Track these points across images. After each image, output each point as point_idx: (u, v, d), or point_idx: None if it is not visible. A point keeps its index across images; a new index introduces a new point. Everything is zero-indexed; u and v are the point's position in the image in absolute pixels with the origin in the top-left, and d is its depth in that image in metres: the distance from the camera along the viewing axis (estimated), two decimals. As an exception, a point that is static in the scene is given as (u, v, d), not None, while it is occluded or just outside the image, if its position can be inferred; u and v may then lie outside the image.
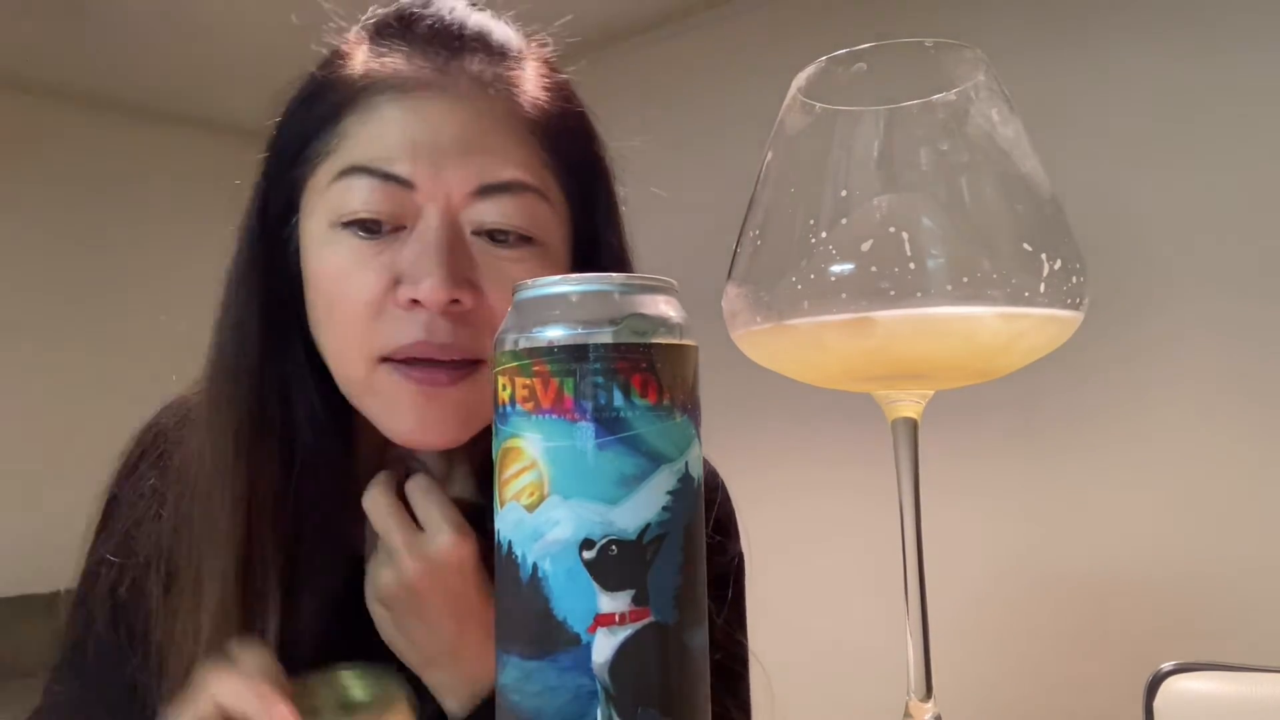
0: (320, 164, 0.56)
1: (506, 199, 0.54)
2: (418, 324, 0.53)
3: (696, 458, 0.35)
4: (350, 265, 0.54)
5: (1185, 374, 1.83)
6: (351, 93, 0.56)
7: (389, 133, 0.54)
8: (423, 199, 0.53)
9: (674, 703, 0.34)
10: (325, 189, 0.55)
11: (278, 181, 0.58)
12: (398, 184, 0.53)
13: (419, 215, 0.54)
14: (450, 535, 0.54)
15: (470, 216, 0.54)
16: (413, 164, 0.53)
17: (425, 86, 0.55)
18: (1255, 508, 1.75)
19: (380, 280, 0.53)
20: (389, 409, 0.55)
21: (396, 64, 0.56)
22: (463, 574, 0.54)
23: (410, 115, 0.54)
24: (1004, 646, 1.99)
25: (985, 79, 0.39)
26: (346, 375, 0.56)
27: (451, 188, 0.53)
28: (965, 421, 1.97)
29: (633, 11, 2.55)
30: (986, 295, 0.36)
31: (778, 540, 2.25)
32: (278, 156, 0.58)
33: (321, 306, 0.56)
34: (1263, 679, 1.05)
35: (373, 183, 0.53)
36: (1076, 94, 1.95)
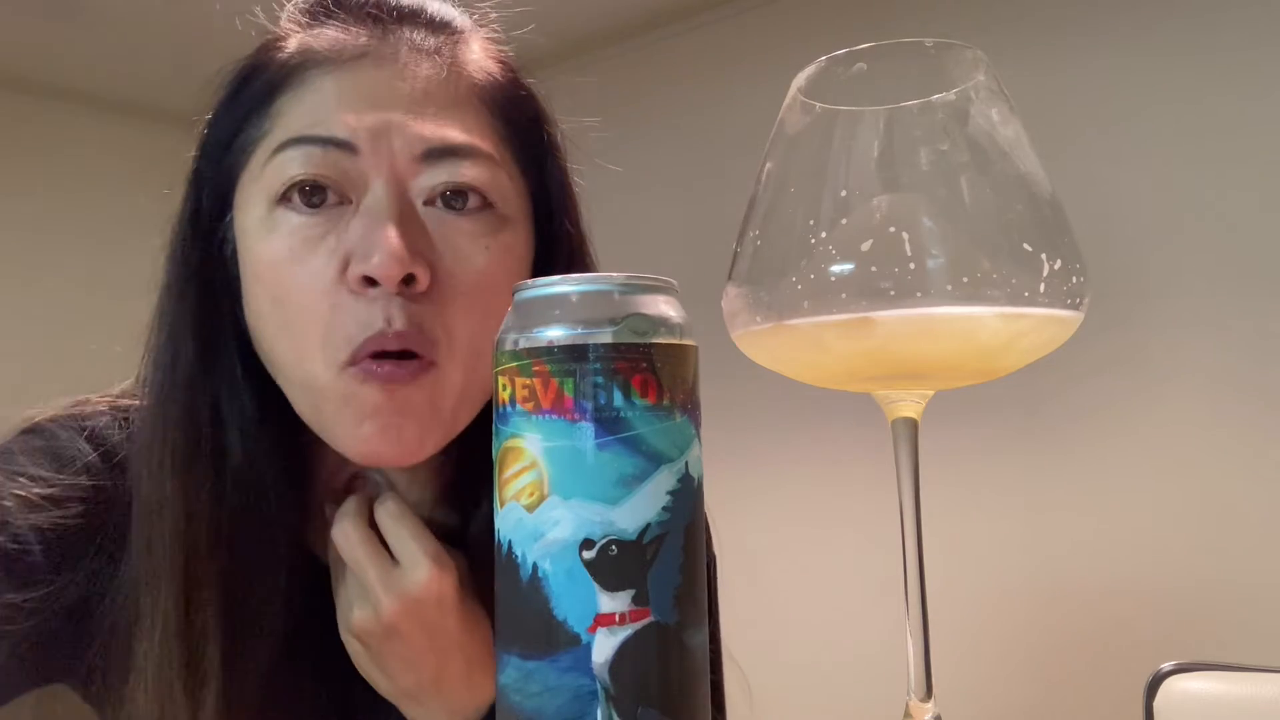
0: (254, 151, 0.51)
1: (458, 161, 0.50)
2: (375, 312, 0.48)
3: (696, 458, 0.35)
4: (293, 249, 0.48)
5: (1186, 374, 1.83)
6: (284, 72, 0.51)
7: (325, 101, 0.49)
8: (367, 166, 0.49)
9: (674, 702, 0.34)
10: (260, 172, 0.50)
11: (209, 178, 0.53)
12: (338, 148, 0.48)
13: (365, 188, 0.49)
14: (427, 569, 0.50)
15: (421, 184, 0.50)
16: (354, 126, 0.48)
17: (362, 56, 0.51)
18: (1256, 508, 1.75)
19: (330, 264, 0.48)
20: (350, 415, 0.49)
21: (331, 37, 0.52)
22: (441, 607, 0.50)
23: (348, 83, 0.50)
24: (1004, 646, 1.99)
25: (985, 79, 0.39)
26: (306, 381, 0.50)
27: (396, 151, 0.49)
28: (965, 421, 1.97)
29: (633, 11, 2.55)
30: (986, 295, 0.36)
31: (778, 540, 2.26)
32: (208, 150, 0.53)
33: (266, 303, 0.50)
34: (1263, 679, 1.05)
35: (311, 150, 0.48)
36: (1076, 94, 1.95)
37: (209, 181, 0.53)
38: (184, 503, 0.51)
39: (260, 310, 0.51)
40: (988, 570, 2.01)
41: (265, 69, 0.52)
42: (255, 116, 0.51)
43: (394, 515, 0.52)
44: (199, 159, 0.54)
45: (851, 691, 2.06)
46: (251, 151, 0.51)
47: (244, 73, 0.53)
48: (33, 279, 2.84)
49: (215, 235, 0.54)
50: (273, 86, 0.51)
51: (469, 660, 0.51)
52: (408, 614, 0.50)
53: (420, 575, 0.50)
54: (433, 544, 0.51)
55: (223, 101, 0.53)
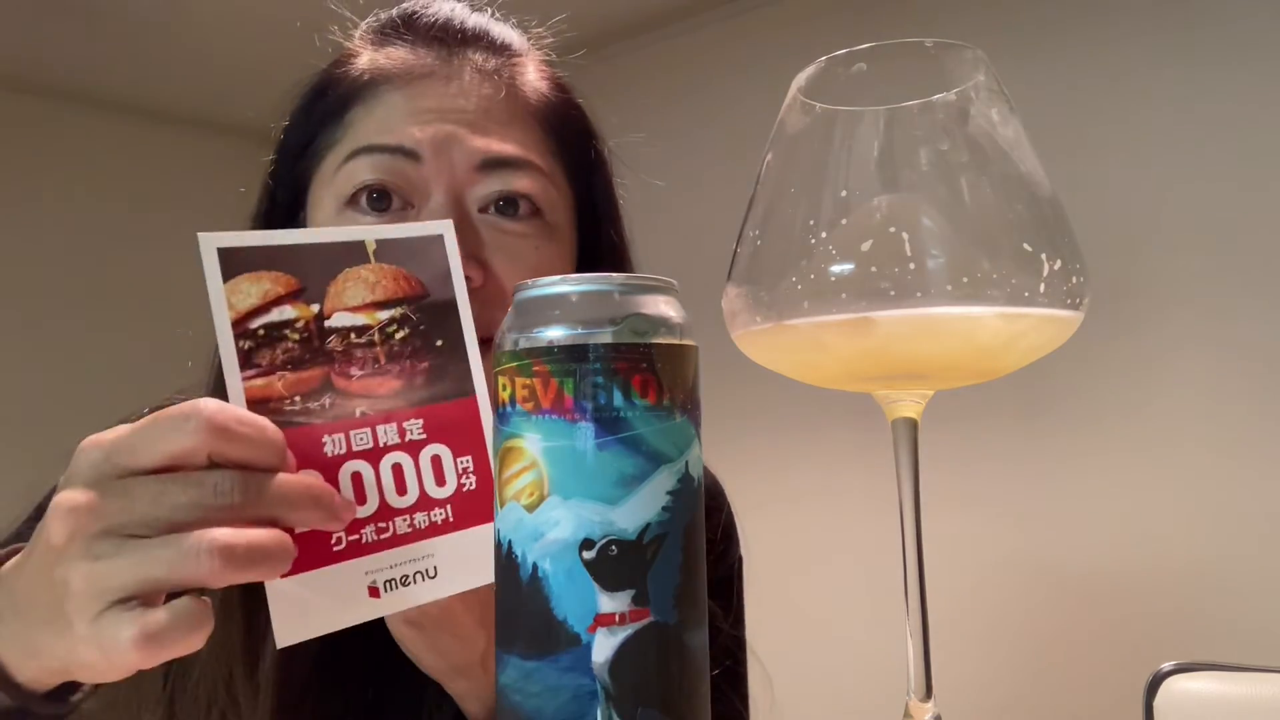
0: (326, 155, 0.56)
1: (511, 172, 0.55)
2: None
3: (696, 458, 0.35)
4: None
5: (1186, 374, 1.83)
6: (356, 86, 0.56)
7: (394, 114, 0.55)
8: (429, 173, 0.54)
9: (674, 702, 0.34)
10: (333, 177, 0.55)
11: (283, 178, 0.59)
12: (404, 156, 0.53)
13: (426, 195, 0.54)
14: None
15: (476, 193, 0.54)
16: (417, 137, 0.53)
17: (429, 75, 0.56)
18: (1255, 508, 1.75)
19: None
20: None
21: (400, 56, 0.57)
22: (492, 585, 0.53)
23: (415, 98, 0.55)
24: (1004, 647, 1.99)
25: (985, 79, 0.39)
26: None
27: (456, 162, 0.54)
28: (966, 421, 1.97)
29: (633, 11, 2.55)
30: (986, 295, 0.36)
31: (778, 540, 2.25)
32: (283, 154, 0.59)
33: None
34: (1263, 679, 1.05)
35: (379, 158, 0.53)
36: (1076, 94, 1.95)
37: (283, 182, 0.59)
38: None
39: None
40: (988, 570, 2.01)
41: (339, 83, 0.57)
42: (329, 125, 0.57)
43: None
44: (275, 162, 0.59)
45: (852, 691, 2.06)
46: (324, 156, 0.56)
47: (319, 85, 0.59)
48: (34, 279, 2.84)
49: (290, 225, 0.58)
50: (346, 99, 0.56)
51: None
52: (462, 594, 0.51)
53: None
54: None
55: (298, 111, 0.59)
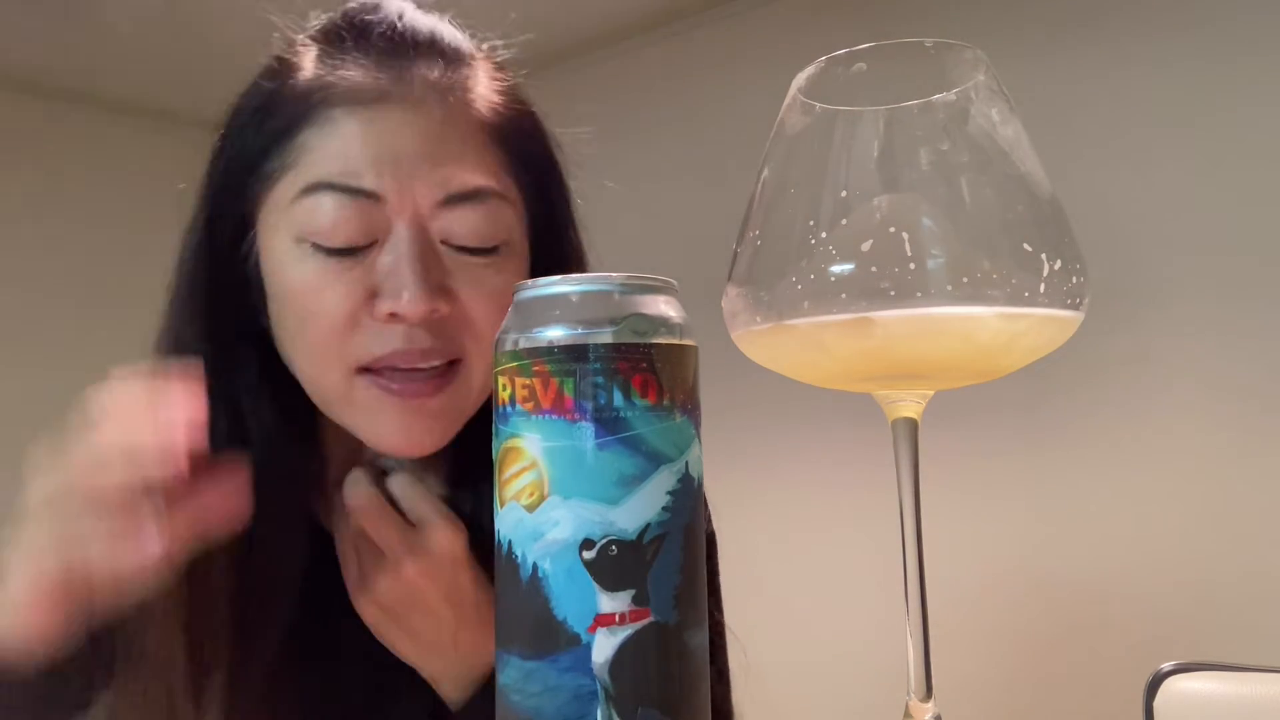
0: (280, 179, 0.55)
1: (473, 208, 0.54)
2: (396, 334, 0.53)
3: (697, 458, 0.35)
4: (322, 281, 0.53)
5: (1186, 375, 1.83)
6: (306, 106, 0.55)
7: (351, 147, 0.53)
8: (391, 212, 0.53)
9: (674, 702, 0.34)
10: (289, 206, 0.54)
11: (231, 196, 0.57)
12: (365, 198, 0.52)
13: (389, 229, 0.53)
14: (445, 528, 0.54)
15: (439, 226, 0.54)
16: (378, 177, 0.52)
17: (383, 97, 0.54)
18: (1255, 509, 1.75)
19: (354, 294, 0.53)
20: (370, 421, 0.54)
21: (351, 75, 0.55)
22: (457, 564, 0.55)
23: (371, 128, 0.54)
24: (1004, 646, 1.99)
25: (985, 79, 0.39)
26: (322, 387, 0.55)
27: (419, 199, 0.53)
28: (965, 421, 1.97)
29: (633, 11, 2.55)
30: (986, 295, 0.36)
31: (777, 540, 2.25)
32: (229, 170, 0.57)
33: (293, 321, 0.55)
34: (1263, 679, 1.05)
35: (340, 199, 0.52)
36: (1077, 94, 1.95)
37: (231, 199, 0.57)
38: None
39: (286, 326, 0.56)
40: (988, 570, 2.01)
41: (287, 99, 0.55)
42: (278, 146, 0.55)
43: (406, 483, 0.56)
44: (219, 176, 0.57)
45: (852, 691, 2.06)
46: (277, 180, 0.55)
47: (266, 100, 0.56)
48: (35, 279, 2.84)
49: (237, 248, 0.57)
50: (297, 119, 0.55)
51: (482, 618, 0.55)
52: (427, 572, 0.54)
53: (440, 534, 0.54)
54: (444, 507, 0.56)
55: (243, 125, 0.57)
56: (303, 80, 0.56)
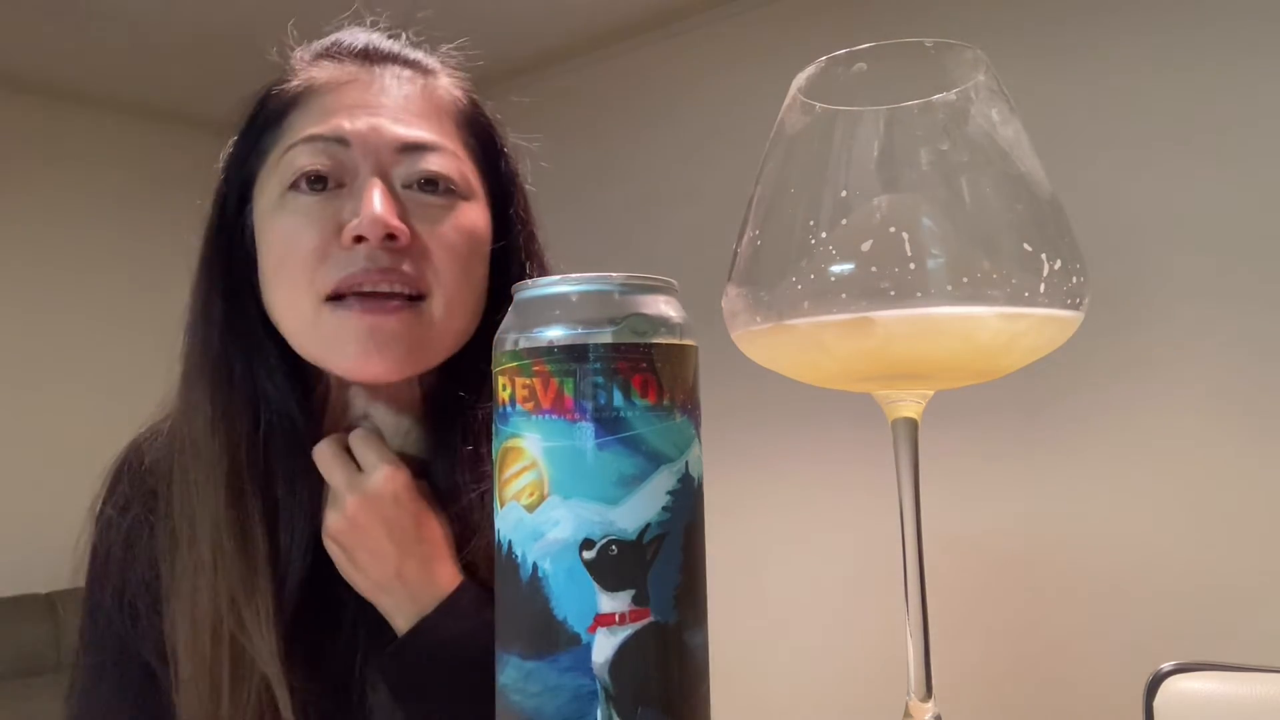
0: (269, 153, 0.63)
1: (428, 155, 0.62)
2: (359, 256, 0.58)
3: (696, 458, 0.35)
4: (298, 220, 0.60)
5: (1185, 375, 1.83)
6: (293, 96, 0.64)
7: (326, 108, 0.62)
8: (358, 156, 0.61)
9: (674, 702, 0.34)
10: (275, 167, 0.62)
11: (233, 178, 0.66)
12: (336, 143, 0.61)
13: (355, 174, 0.61)
14: (383, 470, 0.60)
15: (399, 172, 0.61)
16: (346, 127, 0.61)
17: (353, 80, 0.64)
18: (1255, 508, 1.75)
19: (325, 228, 0.59)
20: (335, 343, 0.60)
21: (329, 69, 0.65)
22: (398, 503, 0.60)
23: (343, 94, 0.63)
24: (1004, 646, 1.99)
25: (985, 79, 0.39)
26: (296, 321, 0.61)
27: (381, 147, 0.61)
28: (965, 422, 1.97)
29: (632, 11, 2.55)
30: (986, 295, 0.36)
31: (778, 539, 2.26)
32: (232, 162, 0.66)
33: (272, 265, 0.62)
34: (1263, 679, 1.05)
35: (314, 145, 0.61)
36: (1077, 94, 1.95)
37: (233, 183, 0.66)
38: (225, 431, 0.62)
39: (266, 272, 0.63)
40: (988, 570, 2.01)
41: (279, 97, 0.65)
42: (270, 130, 0.64)
43: (361, 437, 0.63)
44: (226, 168, 0.66)
45: (851, 691, 2.06)
46: (267, 154, 0.64)
47: (261, 100, 0.66)
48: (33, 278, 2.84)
49: (238, 224, 0.65)
50: (285, 107, 0.64)
51: (426, 555, 0.61)
52: (368, 507, 0.60)
53: (377, 475, 0.60)
54: (389, 454, 0.62)
55: (243, 126, 0.66)
56: (290, 83, 0.65)
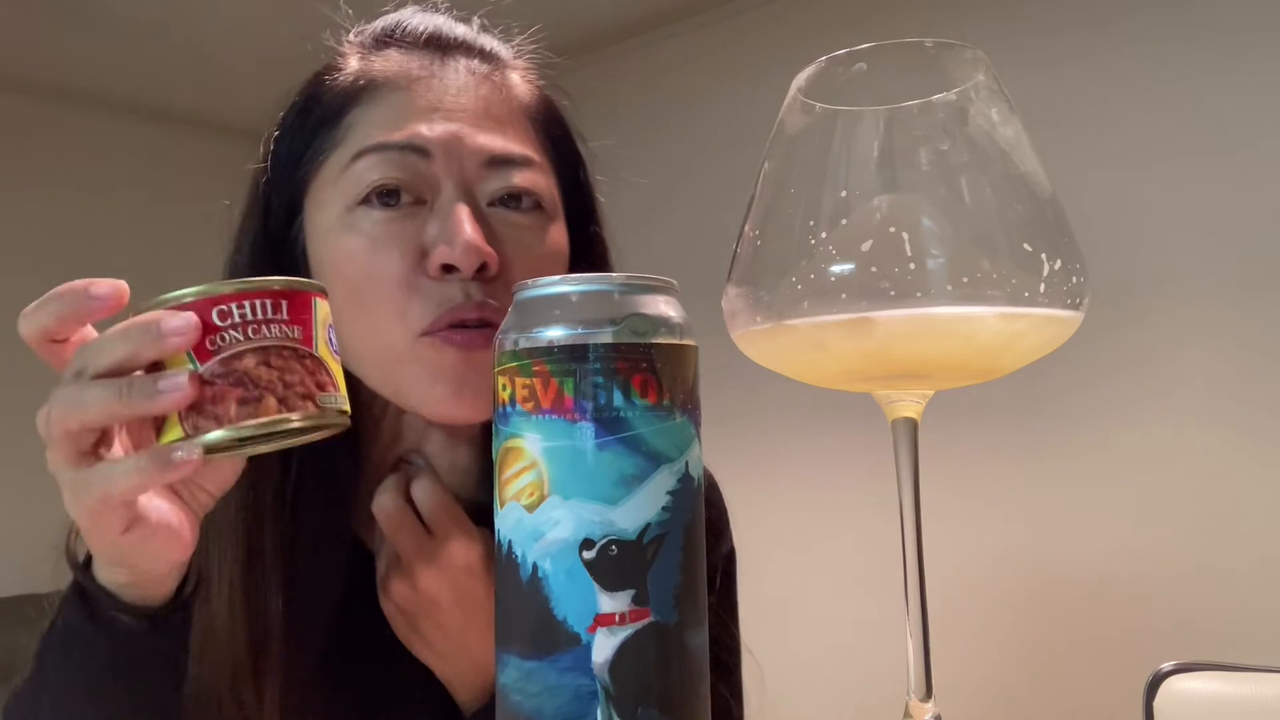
0: (327, 158, 0.57)
1: (517, 170, 0.57)
2: (454, 289, 0.53)
3: (696, 458, 0.35)
4: (373, 243, 0.54)
5: (1185, 375, 1.83)
6: (352, 90, 0.57)
7: (398, 113, 0.55)
8: (439, 170, 0.55)
9: (674, 702, 0.34)
10: (337, 178, 0.56)
11: (280, 185, 0.59)
12: (415, 153, 0.54)
13: (437, 189, 0.55)
14: (459, 541, 0.55)
15: (485, 188, 0.56)
16: (427, 134, 0.54)
17: (426, 76, 0.57)
18: (1255, 508, 1.75)
19: (407, 254, 0.54)
20: (426, 381, 0.55)
21: (395, 59, 0.58)
22: (471, 574, 0.56)
23: (417, 98, 0.56)
24: (1004, 646, 1.99)
25: (985, 79, 0.39)
26: (380, 356, 0.56)
27: (465, 158, 0.55)
28: (966, 421, 1.97)
29: (633, 11, 2.55)
30: (986, 295, 0.36)
31: (778, 539, 2.25)
32: (278, 162, 0.59)
33: (344, 293, 0.55)
34: (1263, 679, 1.05)
35: (389, 156, 0.54)
36: (1077, 94, 1.95)
37: (280, 191, 0.59)
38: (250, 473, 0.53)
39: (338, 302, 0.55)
40: (988, 570, 2.01)
41: (333, 89, 0.58)
42: (326, 129, 0.57)
43: (428, 491, 0.57)
44: (270, 171, 0.59)
45: (851, 691, 2.06)
46: (324, 160, 0.57)
47: (312, 93, 0.59)
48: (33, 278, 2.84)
49: (286, 237, 0.59)
50: (342, 103, 0.57)
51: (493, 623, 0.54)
52: (440, 581, 0.55)
53: (454, 547, 0.55)
54: (462, 516, 0.57)
55: (292, 118, 0.59)
56: (348, 72, 0.58)
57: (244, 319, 0.40)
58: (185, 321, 0.39)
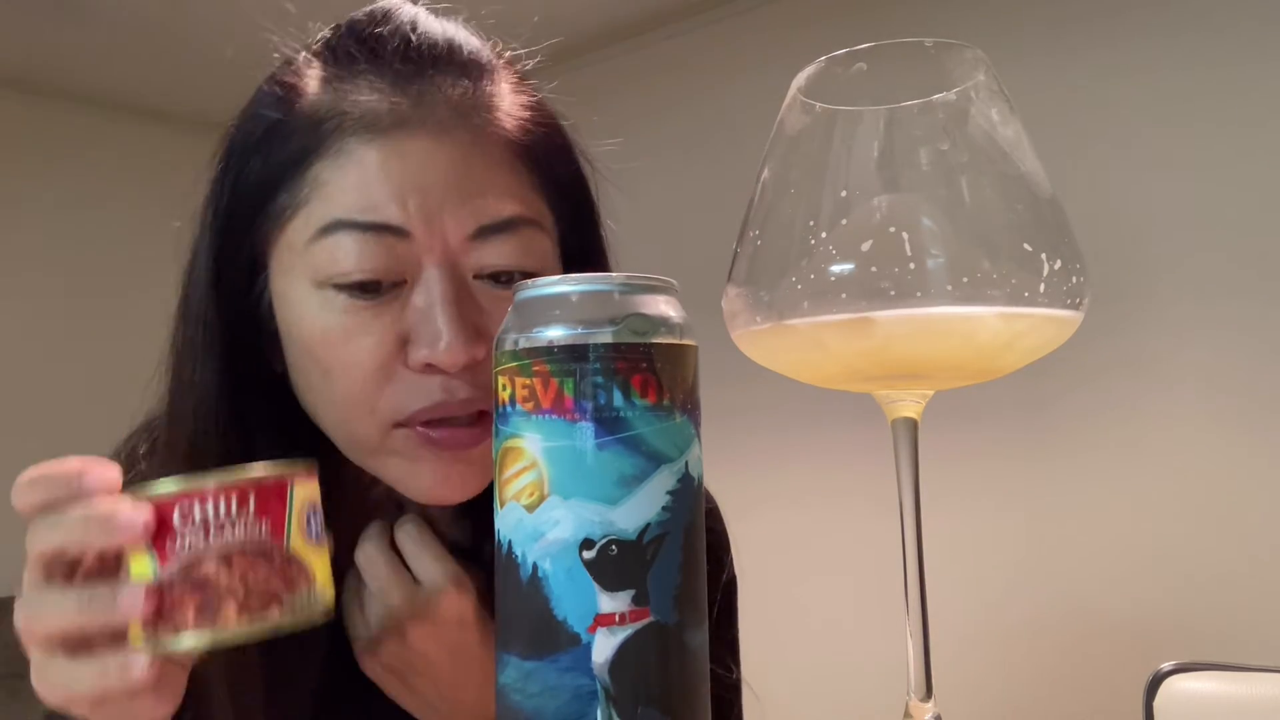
0: (292, 218, 0.50)
1: (506, 238, 0.51)
2: (434, 386, 0.49)
3: (696, 458, 0.35)
4: (348, 329, 0.49)
5: (1186, 375, 1.83)
6: (317, 135, 0.50)
7: (371, 180, 0.49)
8: (419, 249, 0.49)
9: (674, 702, 0.34)
10: (305, 248, 0.50)
11: (237, 234, 0.53)
12: (391, 234, 0.48)
13: (418, 268, 0.49)
14: (450, 593, 0.52)
15: (472, 262, 0.50)
16: (404, 211, 0.48)
17: (402, 123, 0.50)
18: (1255, 508, 1.75)
19: (385, 343, 0.49)
20: (409, 471, 0.52)
21: (365, 98, 0.50)
22: (463, 626, 0.53)
23: (392, 158, 0.49)
24: (1004, 646, 1.99)
25: (985, 79, 0.39)
26: (353, 439, 0.52)
27: (448, 233, 0.49)
28: (966, 421, 1.97)
29: (632, 12, 2.55)
30: (986, 295, 0.36)
31: (778, 539, 2.25)
32: (235, 204, 0.53)
33: (315, 372, 0.51)
34: (1263, 679, 1.05)
35: (363, 237, 0.48)
36: (1076, 94, 1.95)
37: (237, 237, 0.53)
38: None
39: (307, 378, 0.52)
40: (988, 570, 2.01)
41: (294, 127, 0.51)
42: (288, 180, 0.50)
43: (414, 539, 0.54)
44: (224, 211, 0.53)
45: (851, 691, 2.06)
46: (289, 219, 0.50)
47: (269, 128, 0.52)
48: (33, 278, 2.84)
49: (248, 291, 0.54)
50: (306, 149, 0.50)
51: (487, 674, 0.52)
52: (433, 637, 0.52)
53: (445, 599, 0.52)
54: (452, 565, 0.53)
55: (246, 156, 0.52)
56: (310, 105, 0.51)
57: (205, 519, 0.39)
58: (132, 521, 0.38)
